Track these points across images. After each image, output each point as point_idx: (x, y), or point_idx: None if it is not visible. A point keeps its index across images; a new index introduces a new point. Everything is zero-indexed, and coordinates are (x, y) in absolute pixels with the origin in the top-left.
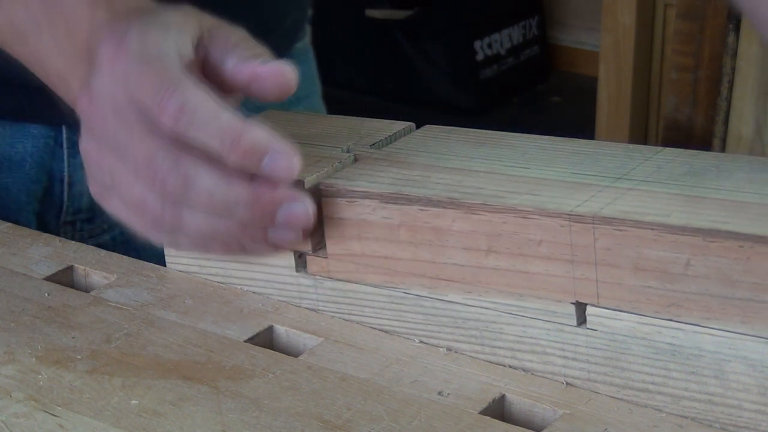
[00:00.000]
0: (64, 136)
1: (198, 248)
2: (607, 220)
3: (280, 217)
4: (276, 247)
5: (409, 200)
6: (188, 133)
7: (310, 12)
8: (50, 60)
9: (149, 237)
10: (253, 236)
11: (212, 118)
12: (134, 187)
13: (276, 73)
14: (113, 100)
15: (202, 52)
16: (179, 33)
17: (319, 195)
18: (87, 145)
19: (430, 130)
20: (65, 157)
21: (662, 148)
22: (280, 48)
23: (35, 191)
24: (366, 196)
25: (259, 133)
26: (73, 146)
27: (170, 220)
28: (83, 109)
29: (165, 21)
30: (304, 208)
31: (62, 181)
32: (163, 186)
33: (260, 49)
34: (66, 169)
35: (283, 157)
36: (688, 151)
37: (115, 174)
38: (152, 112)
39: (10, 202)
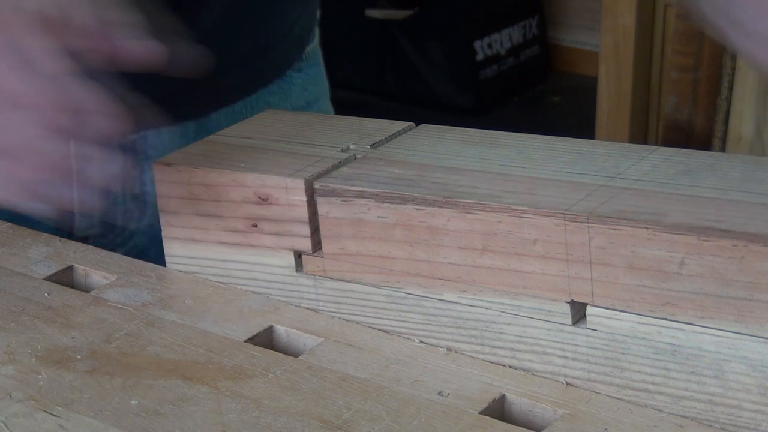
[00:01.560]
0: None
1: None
2: (602, 219)
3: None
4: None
5: (404, 200)
6: None
7: (318, 14)
8: None
9: None
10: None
11: None
12: None
13: None
14: None
15: None
16: None
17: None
18: None
19: (426, 129)
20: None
21: (657, 147)
22: (291, 54)
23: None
24: (361, 195)
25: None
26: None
27: None
28: None
29: None
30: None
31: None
32: None
33: None
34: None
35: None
36: (683, 150)
37: None
38: None
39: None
